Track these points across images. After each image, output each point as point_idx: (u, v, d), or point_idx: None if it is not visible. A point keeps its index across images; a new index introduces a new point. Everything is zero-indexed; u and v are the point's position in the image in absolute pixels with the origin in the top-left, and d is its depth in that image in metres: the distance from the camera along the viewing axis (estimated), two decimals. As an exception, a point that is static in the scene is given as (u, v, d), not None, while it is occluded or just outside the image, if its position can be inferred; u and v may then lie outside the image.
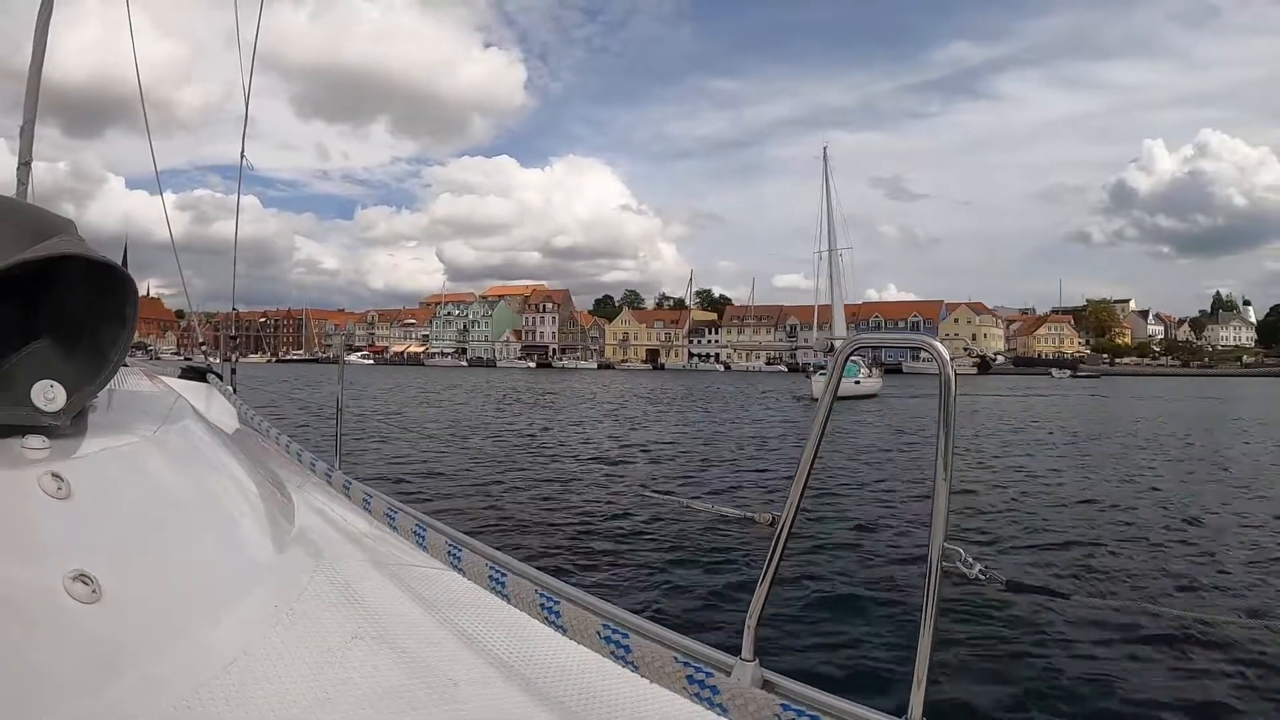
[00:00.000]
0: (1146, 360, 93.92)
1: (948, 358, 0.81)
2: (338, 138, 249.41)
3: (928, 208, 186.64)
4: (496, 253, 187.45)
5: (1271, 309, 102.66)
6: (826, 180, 42.73)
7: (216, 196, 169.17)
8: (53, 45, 3.90)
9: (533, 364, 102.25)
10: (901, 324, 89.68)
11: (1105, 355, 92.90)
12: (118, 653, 0.74)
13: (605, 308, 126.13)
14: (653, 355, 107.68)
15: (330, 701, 0.81)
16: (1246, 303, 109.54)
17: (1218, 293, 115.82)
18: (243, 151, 4.46)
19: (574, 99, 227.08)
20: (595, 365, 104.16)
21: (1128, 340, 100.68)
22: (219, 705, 0.74)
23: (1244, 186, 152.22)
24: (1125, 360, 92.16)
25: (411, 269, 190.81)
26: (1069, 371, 73.76)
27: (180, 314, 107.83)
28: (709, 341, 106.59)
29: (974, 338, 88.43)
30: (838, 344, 0.98)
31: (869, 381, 32.55)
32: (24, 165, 3.73)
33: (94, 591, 0.75)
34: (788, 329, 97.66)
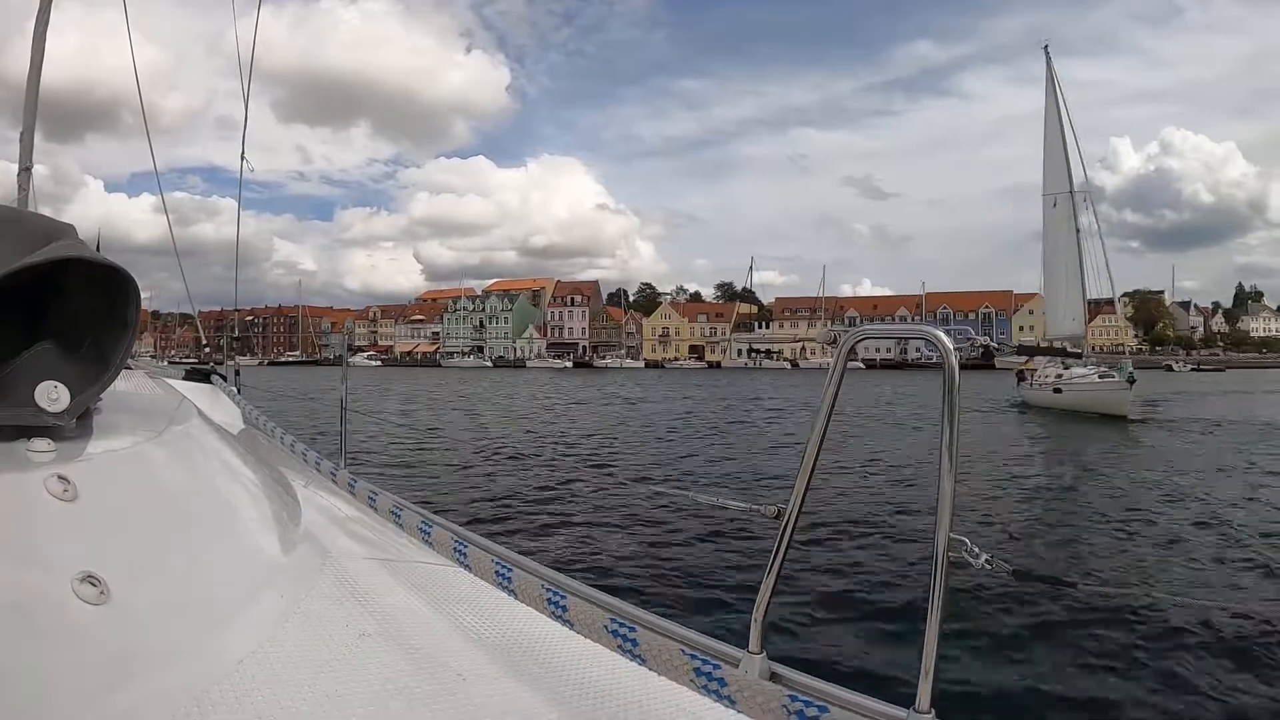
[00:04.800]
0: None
1: (951, 348, 0.81)
2: (320, 142, 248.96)
3: (899, 205, 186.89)
4: (474, 253, 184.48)
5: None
6: (1055, 88, 26.14)
7: (195, 199, 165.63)
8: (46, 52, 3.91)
9: (568, 363, 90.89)
10: (972, 315, 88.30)
11: (1175, 349, 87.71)
12: (127, 654, 0.75)
13: (619, 303, 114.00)
14: (696, 351, 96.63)
15: (339, 698, 0.81)
16: (1260, 293, 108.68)
17: (1240, 284, 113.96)
18: (243, 154, 4.47)
19: (548, 100, 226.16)
20: (642, 364, 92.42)
21: (1171, 332, 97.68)
22: (229, 705, 0.75)
23: (1210, 182, 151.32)
24: (1190, 353, 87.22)
25: (389, 270, 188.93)
26: (1190, 365, 70.08)
27: (156, 314, 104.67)
28: (760, 336, 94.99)
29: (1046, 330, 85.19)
30: (841, 336, 0.96)
31: (1086, 390, 20.17)
32: (24, 171, 3.75)
33: (102, 593, 0.75)
34: (845, 321, 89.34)
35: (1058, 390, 21.58)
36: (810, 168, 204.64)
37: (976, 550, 0.83)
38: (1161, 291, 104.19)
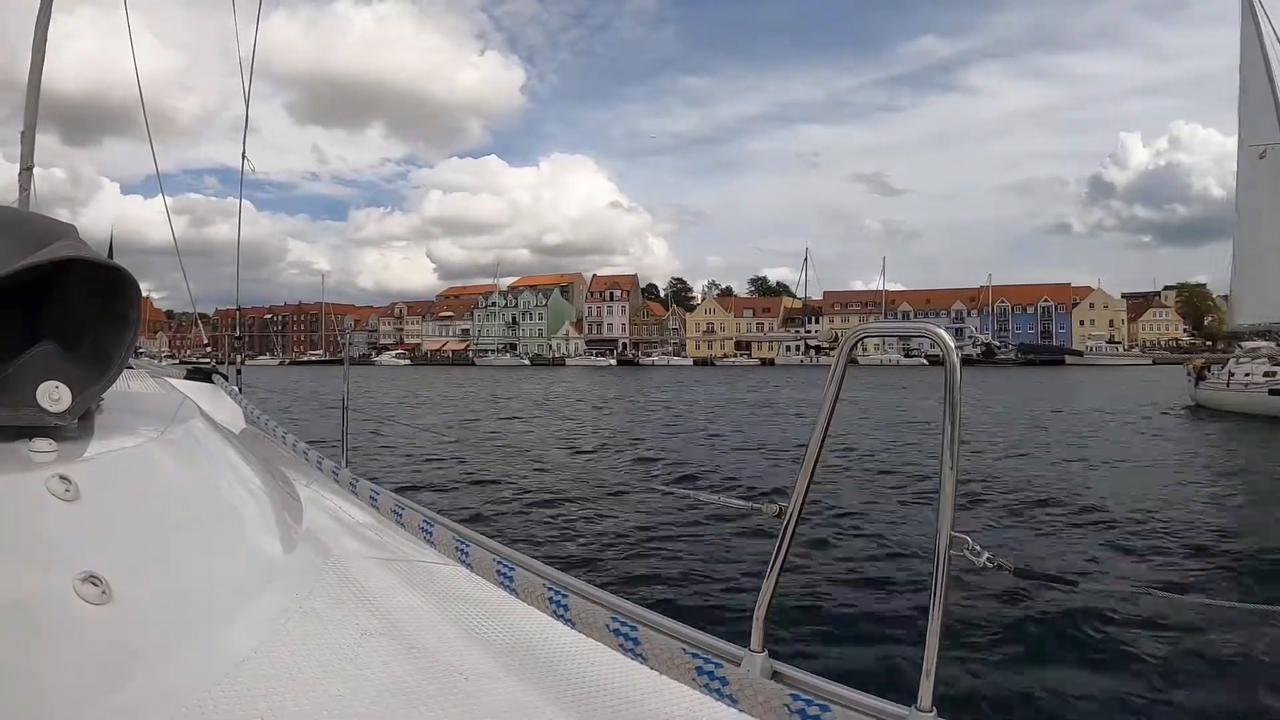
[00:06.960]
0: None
1: (952, 345, 0.81)
2: (334, 143, 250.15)
3: (909, 201, 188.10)
4: (487, 251, 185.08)
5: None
6: (1257, 18, 20.78)
7: (210, 200, 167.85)
8: (52, 55, 3.93)
9: (612, 360, 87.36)
10: (1030, 309, 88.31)
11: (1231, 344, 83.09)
12: (128, 654, 0.75)
13: (652, 298, 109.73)
14: (742, 348, 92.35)
15: (342, 698, 0.81)
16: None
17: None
18: (244, 154, 4.48)
19: (557, 99, 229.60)
20: (690, 361, 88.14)
21: (1221, 326, 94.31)
22: (231, 705, 0.74)
23: (1220, 176, 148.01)
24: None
25: (401, 268, 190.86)
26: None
27: (170, 314, 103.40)
28: (810, 332, 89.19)
29: (1111, 323, 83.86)
30: (841, 334, 0.97)
31: None
32: (25, 171, 3.76)
33: (104, 593, 0.75)
34: (899, 315, 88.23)
35: (1276, 392, 17.30)
36: (819, 164, 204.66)
37: (978, 548, 0.83)
38: (1205, 284, 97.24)
